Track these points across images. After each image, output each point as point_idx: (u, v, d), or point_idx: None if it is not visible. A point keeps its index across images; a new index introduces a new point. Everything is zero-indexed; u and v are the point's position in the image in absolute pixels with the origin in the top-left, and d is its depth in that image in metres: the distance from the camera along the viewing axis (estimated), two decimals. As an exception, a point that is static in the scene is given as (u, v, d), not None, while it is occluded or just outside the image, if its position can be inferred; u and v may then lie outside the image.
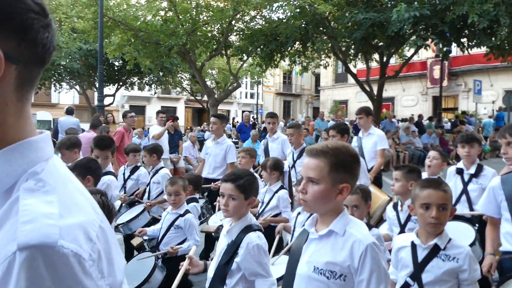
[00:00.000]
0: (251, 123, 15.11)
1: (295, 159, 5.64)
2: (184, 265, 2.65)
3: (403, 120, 19.75)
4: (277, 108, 42.27)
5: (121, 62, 22.85)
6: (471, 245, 3.26)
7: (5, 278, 0.66)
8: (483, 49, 13.80)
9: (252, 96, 40.28)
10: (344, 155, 1.74)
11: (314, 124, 15.91)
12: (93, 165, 3.45)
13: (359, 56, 17.92)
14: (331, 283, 1.71)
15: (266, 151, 6.43)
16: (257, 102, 33.88)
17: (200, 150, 14.06)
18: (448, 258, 2.26)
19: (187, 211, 3.83)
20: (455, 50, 18.58)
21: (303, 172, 1.78)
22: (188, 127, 21.69)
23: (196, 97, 31.13)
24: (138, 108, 34.91)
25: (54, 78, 23.60)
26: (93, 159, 3.69)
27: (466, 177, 3.94)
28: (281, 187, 4.49)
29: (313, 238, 1.82)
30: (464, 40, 13.76)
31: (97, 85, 24.32)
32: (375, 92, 17.41)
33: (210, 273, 2.59)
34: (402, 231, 3.36)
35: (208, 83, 23.58)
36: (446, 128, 18.41)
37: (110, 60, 21.12)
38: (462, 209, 3.86)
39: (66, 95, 29.15)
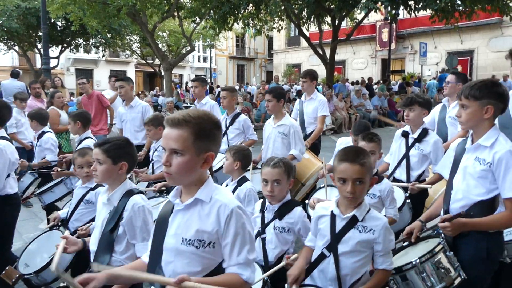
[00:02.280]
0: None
1: (227, 125, 5.23)
2: (60, 246, 2.46)
3: (355, 83, 20.36)
4: (230, 72, 41.86)
5: (64, 22, 21.54)
6: (399, 209, 3.32)
7: None
8: (428, 12, 14.32)
9: (205, 59, 39.49)
10: (207, 123, 1.68)
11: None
12: None
13: (312, 19, 17.99)
14: (201, 252, 1.70)
15: None
16: (210, 66, 33.29)
17: (154, 114, 13.83)
18: (365, 229, 2.26)
19: (99, 184, 3.46)
20: (402, 13, 19.10)
21: (164, 144, 1.68)
22: (140, 92, 21.05)
23: (147, 61, 30.12)
24: (85, 71, 33.23)
25: (-11, 38, 21.94)
26: None
27: (410, 141, 3.79)
28: None
29: (179, 209, 1.76)
30: (411, 2, 14.19)
31: (39, 46, 23.04)
32: (327, 55, 17.71)
33: (93, 246, 2.49)
34: None
35: (160, 46, 22.83)
36: (394, 90, 19.21)
37: (53, 20, 19.83)
38: (400, 172, 3.82)
39: (4, 56, 27.19)
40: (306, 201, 3.89)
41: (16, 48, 24.40)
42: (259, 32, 18.63)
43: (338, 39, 17.73)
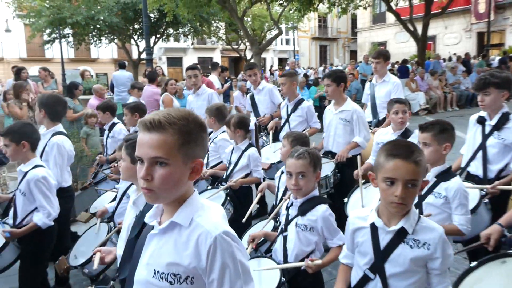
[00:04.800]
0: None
1: (289, 112, 4.95)
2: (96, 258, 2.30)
3: (447, 59, 19.21)
4: (313, 53, 41.52)
5: (157, 14, 22.96)
6: (473, 210, 2.71)
7: None
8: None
9: (287, 42, 39.57)
10: (193, 125, 1.39)
11: (358, 68, 15.73)
12: (28, 129, 3.26)
13: (402, -6, 17.25)
14: None
15: (254, 105, 5.76)
16: (294, 48, 33.36)
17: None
18: (418, 244, 1.84)
19: None
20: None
21: (141, 153, 1.35)
22: (227, 77, 21.86)
23: (232, 46, 31.04)
24: (175, 59, 35.25)
25: (94, 33, 24.06)
26: (28, 123, 3.42)
27: (487, 129, 3.20)
28: (250, 145, 4.00)
29: (154, 233, 1.47)
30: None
31: (135, 38, 24.94)
32: (418, 31, 16.89)
33: (120, 250, 2.19)
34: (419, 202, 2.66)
35: (245, 31, 23.31)
36: (494, 66, 17.81)
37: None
38: (476, 166, 3.22)
39: (105, 49, 29.71)
40: (345, 199, 3.62)
41: (116, 41, 26.52)
42: (345, 11, 18.29)
43: (431, 13, 16.80)
